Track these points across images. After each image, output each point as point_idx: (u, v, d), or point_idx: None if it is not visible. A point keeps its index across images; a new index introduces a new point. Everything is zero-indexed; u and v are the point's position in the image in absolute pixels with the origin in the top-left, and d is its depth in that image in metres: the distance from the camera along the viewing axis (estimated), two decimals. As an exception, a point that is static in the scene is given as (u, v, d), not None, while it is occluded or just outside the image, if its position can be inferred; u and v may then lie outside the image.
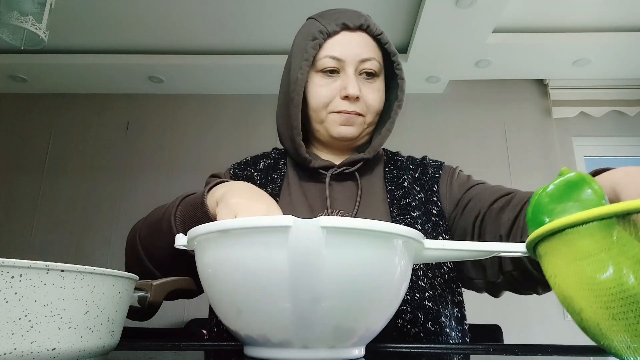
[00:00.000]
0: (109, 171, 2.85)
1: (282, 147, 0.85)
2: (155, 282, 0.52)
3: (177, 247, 0.45)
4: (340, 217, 0.36)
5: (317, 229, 0.34)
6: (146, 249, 0.64)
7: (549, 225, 0.30)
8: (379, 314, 0.39)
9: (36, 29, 1.46)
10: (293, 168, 0.81)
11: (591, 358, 0.50)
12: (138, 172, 2.83)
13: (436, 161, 0.83)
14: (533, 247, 0.34)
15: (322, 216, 0.34)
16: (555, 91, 2.80)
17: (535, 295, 0.68)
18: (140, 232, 0.66)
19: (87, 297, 0.28)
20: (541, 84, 2.88)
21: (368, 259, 0.35)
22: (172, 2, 2.20)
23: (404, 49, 2.52)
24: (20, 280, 0.25)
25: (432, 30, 2.22)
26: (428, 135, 2.77)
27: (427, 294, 0.68)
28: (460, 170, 0.81)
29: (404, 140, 2.74)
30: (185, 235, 0.43)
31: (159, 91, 2.94)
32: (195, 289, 0.54)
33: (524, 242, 0.39)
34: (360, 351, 0.41)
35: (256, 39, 2.49)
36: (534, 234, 0.32)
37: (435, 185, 0.77)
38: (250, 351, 0.39)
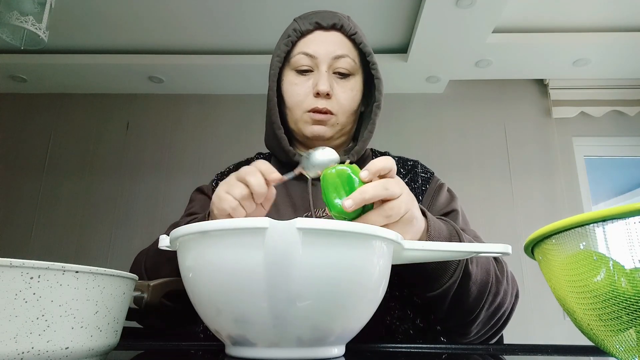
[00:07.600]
0: (109, 171, 2.85)
1: (266, 152, 0.87)
2: (152, 283, 0.52)
3: (160, 247, 0.45)
4: (322, 217, 0.35)
5: (293, 231, 0.34)
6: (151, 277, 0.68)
7: (538, 232, 0.31)
8: (357, 314, 0.39)
9: (36, 29, 1.46)
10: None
11: (591, 358, 0.50)
12: (138, 172, 2.83)
13: (426, 172, 0.83)
14: (531, 249, 0.35)
15: (299, 218, 0.34)
16: (555, 91, 2.80)
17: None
18: (145, 263, 0.70)
19: (98, 297, 0.28)
20: (541, 84, 2.88)
21: (344, 259, 0.35)
22: (172, 2, 2.20)
23: (404, 49, 2.52)
24: (38, 281, 0.25)
25: (432, 31, 2.21)
26: (428, 135, 2.77)
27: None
28: (447, 189, 0.80)
29: (404, 140, 2.73)
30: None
31: (159, 91, 2.94)
32: None
33: None
34: (340, 350, 0.41)
35: (256, 39, 2.49)
36: (528, 240, 0.33)
37: (420, 197, 0.77)
38: (231, 351, 0.40)
